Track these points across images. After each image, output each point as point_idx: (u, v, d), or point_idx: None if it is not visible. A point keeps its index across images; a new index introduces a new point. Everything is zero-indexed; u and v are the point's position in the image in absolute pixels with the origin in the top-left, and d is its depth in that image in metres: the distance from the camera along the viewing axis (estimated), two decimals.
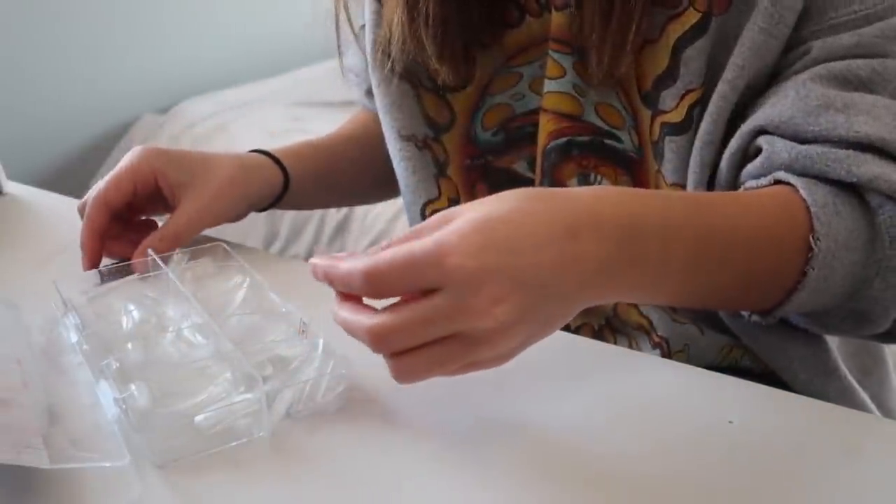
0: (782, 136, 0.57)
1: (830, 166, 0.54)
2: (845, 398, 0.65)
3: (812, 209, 0.53)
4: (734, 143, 0.59)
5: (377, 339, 0.46)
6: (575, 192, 0.48)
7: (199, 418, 0.49)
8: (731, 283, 0.54)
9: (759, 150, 0.58)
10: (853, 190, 0.55)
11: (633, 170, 0.67)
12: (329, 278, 0.48)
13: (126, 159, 0.71)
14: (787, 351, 0.64)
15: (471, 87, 0.71)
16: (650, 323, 0.68)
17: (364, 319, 0.46)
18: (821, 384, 0.64)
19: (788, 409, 0.55)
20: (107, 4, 2.14)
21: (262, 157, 0.80)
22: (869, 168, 0.53)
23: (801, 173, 0.55)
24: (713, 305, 0.60)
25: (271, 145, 0.84)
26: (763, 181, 0.57)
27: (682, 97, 0.61)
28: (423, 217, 0.74)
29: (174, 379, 0.53)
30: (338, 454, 0.49)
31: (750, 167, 0.58)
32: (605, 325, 0.71)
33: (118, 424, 0.51)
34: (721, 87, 0.59)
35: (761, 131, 0.58)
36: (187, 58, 2.37)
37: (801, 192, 0.53)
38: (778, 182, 0.56)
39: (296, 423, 0.52)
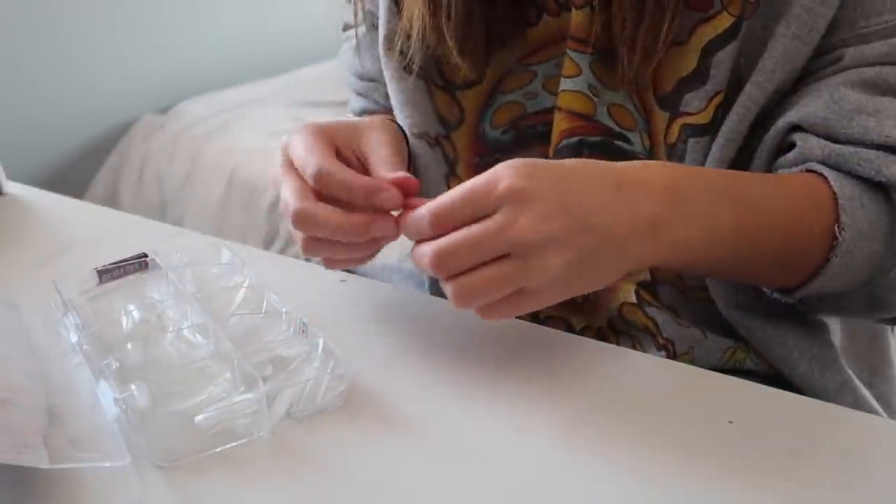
0: (816, 134, 0.60)
1: (861, 165, 0.58)
2: (846, 391, 0.65)
3: (840, 201, 0.57)
4: (770, 139, 0.62)
5: (438, 259, 0.51)
6: (624, 162, 0.55)
7: (199, 418, 0.49)
8: (768, 257, 0.59)
9: (791, 145, 0.61)
10: (880, 187, 0.59)
11: None
12: (403, 228, 0.54)
13: (304, 136, 0.60)
14: (786, 342, 0.65)
15: (481, 84, 0.70)
16: (656, 325, 0.68)
17: (426, 246, 0.51)
18: (820, 375, 0.65)
19: (788, 409, 0.55)
20: (107, 4, 2.14)
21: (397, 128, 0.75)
22: None
23: (833, 169, 0.59)
24: (749, 278, 0.64)
25: (271, 145, 0.83)
26: (795, 170, 0.60)
27: (711, 99, 0.61)
28: None
29: (174, 379, 0.53)
30: (338, 454, 0.50)
31: (782, 160, 0.62)
32: (608, 327, 0.71)
33: (118, 424, 0.51)
34: (750, 89, 0.60)
35: (795, 128, 0.61)
36: (187, 58, 2.37)
37: (832, 183, 0.57)
38: (809, 171, 0.60)
39: (296, 423, 0.52)
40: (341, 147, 0.62)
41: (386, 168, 0.60)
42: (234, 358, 0.53)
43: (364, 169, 0.62)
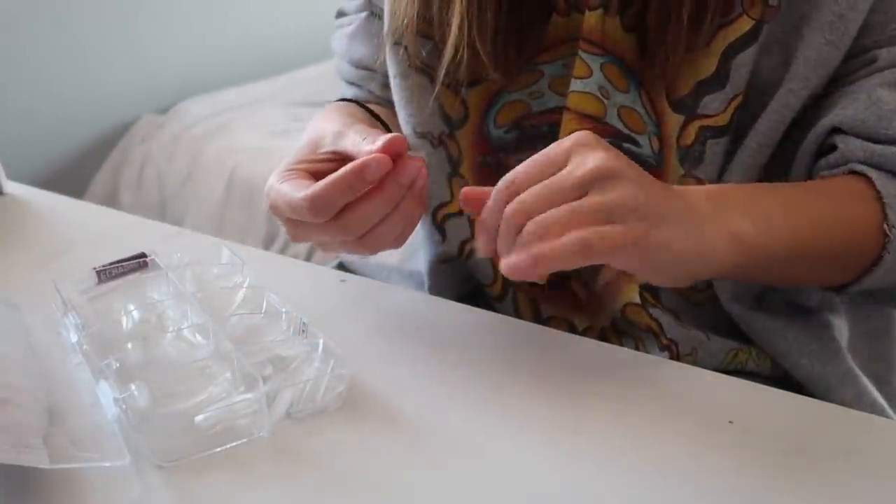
0: (856, 136, 0.61)
1: None
2: (847, 384, 0.65)
3: (885, 199, 0.59)
4: (810, 143, 0.63)
5: (518, 203, 0.51)
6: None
7: (199, 418, 0.49)
8: (820, 255, 0.60)
9: (832, 147, 0.62)
10: None
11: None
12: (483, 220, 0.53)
13: (278, 191, 0.59)
14: (786, 336, 0.65)
15: (487, 82, 0.69)
16: (660, 326, 0.68)
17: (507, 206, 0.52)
18: (821, 369, 0.65)
19: (788, 409, 0.55)
20: (107, 4, 2.14)
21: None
22: None
23: (875, 168, 0.60)
24: (802, 279, 0.65)
25: (271, 145, 0.83)
26: (837, 171, 0.62)
27: (730, 102, 0.62)
28: (436, 224, 0.74)
29: (174, 379, 0.53)
30: (338, 454, 0.50)
31: (823, 162, 0.63)
32: (611, 328, 0.71)
33: (118, 424, 0.51)
34: (785, 96, 0.61)
35: (834, 130, 0.62)
36: (187, 58, 2.37)
37: (876, 182, 0.59)
38: (852, 172, 0.61)
39: (296, 423, 0.52)
40: (313, 170, 0.61)
41: (364, 144, 0.58)
42: (234, 358, 0.53)
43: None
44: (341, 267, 0.83)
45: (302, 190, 0.56)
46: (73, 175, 2.18)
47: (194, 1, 2.36)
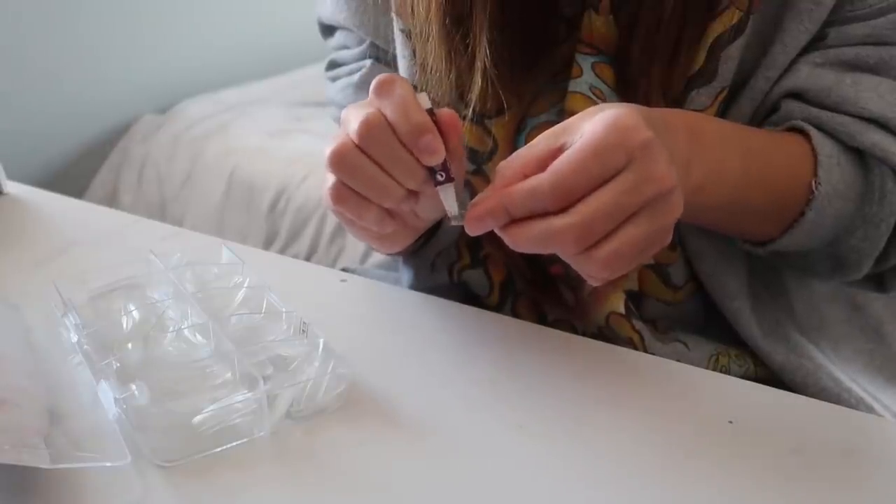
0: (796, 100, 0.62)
1: (838, 129, 0.61)
2: (823, 373, 0.66)
3: (819, 157, 0.60)
4: (759, 113, 0.64)
5: (585, 234, 0.48)
6: (653, 108, 0.55)
7: (198, 418, 0.50)
8: (762, 207, 0.61)
9: (775, 109, 0.64)
10: (856, 152, 0.62)
11: None
12: (504, 207, 0.49)
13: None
14: (788, 352, 0.65)
15: (510, 110, 0.66)
16: (641, 339, 0.67)
17: (560, 221, 0.48)
18: (813, 384, 0.65)
19: (788, 409, 0.55)
20: (107, 4, 2.14)
21: None
22: (869, 136, 0.61)
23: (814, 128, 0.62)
24: (737, 229, 0.65)
25: (271, 145, 0.82)
26: (779, 128, 0.63)
27: (717, 96, 0.62)
28: (452, 276, 0.72)
29: (174, 379, 0.53)
30: (338, 454, 0.50)
31: (766, 122, 0.64)
32: (599, 335, 0.70)
33: (119, 424, 0.51)
34: (762, 84, 0.62)
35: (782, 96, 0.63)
36: (187, 58, 2.37)
37: (813, 139, 0.61)
38: (792, 129, 0.63)
39: (296, 423, 0.52)
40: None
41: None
42: (234, 358, 0.53)
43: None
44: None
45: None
46: (73, 175, 2.18)
47: (194, 1, 2.35)
